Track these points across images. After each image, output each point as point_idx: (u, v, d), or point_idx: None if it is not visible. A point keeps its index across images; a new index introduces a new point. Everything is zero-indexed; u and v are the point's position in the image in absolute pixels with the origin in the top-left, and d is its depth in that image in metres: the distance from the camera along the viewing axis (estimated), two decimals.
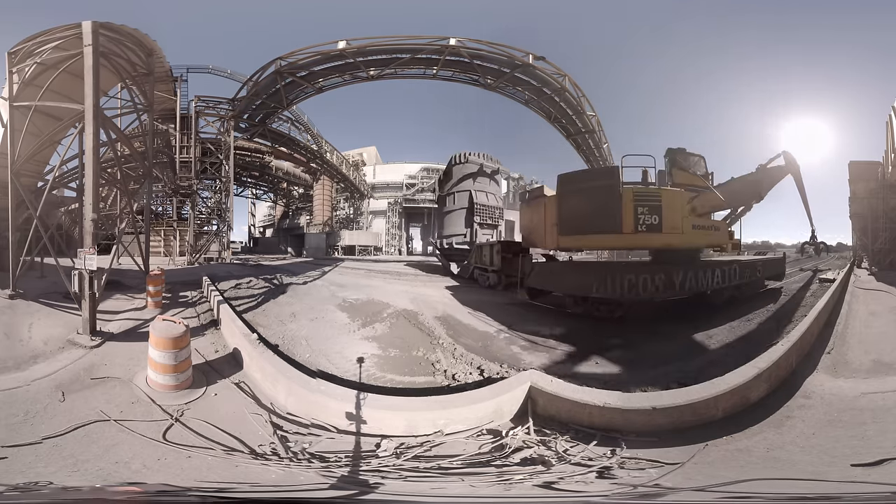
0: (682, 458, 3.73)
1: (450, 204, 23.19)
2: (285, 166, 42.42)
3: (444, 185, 24.01)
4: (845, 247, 30.31)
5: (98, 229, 7.80)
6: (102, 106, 8.98)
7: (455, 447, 4.08)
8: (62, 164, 10.36)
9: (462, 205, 22.38)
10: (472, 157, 22.47)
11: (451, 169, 23.22)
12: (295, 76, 24.07)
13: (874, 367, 5.97)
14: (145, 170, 12.50)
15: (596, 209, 9.38)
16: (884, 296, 11.39)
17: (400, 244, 48.46)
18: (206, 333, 7.74)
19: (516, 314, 10.28)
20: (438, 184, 25.30)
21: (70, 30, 9.05)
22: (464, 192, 22.27)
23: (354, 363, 6.75)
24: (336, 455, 3.98)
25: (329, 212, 45.67)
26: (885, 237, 19.51)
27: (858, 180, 21.46)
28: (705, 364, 6.45)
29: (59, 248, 10.26)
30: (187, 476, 3.49)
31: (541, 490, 3.29)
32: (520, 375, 5.21)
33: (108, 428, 4.27)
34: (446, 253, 22.50)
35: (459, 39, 22.44)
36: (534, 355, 7.37)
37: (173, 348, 5.30)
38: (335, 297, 12.43)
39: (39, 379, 5.48)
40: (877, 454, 3.57)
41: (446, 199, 23.65)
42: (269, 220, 58.74)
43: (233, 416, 4.76)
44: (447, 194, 23.46)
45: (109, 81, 11.76)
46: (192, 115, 24.34)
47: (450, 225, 23.17)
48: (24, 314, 8.06)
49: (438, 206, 26.51)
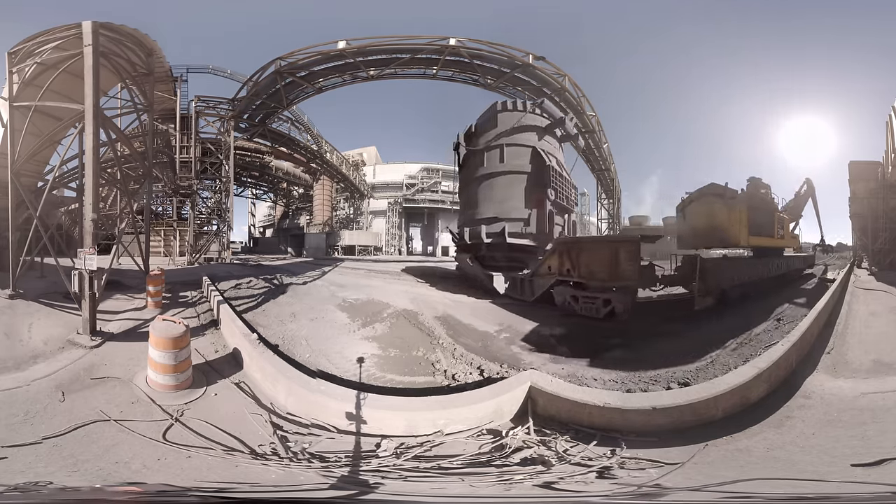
0: (682, 458, 3.73)
1: (489, 164, 14.21)
2: (285, 166, 42.45)
3: (476, 137, 15.13)
4: (845, 247, 30.29)
5: (98, 229, 7.80)
6: (102, 106, 8.99)
7: (455, 447, 4.08)
8: (62, 164, 10.36)
9: (518, 166, 13.68)
10: (546, 105, 14.94)
11: (496, 116, 14.57)
12: (295, 76, 24.06)
13: (874, 367, 5.97)
14: (145, 170, 12.50)
15: (765, 218, 13.45)
16: (884, 296, 11.38)
17: (400, 244, 48.48)
18: (206, 333, 7.74)
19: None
20: (466, 138, 15.47)
21: (70, 30, 9.05)
22: (521, 149, 13.88)
23: (354, 363, 6.76)
24: (336, 455, 3.98)
25: (329, 212, 45.69)
26: (885, 237, 19.48)
27: (858, 180, 21.42)
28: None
29: (59, 248, 10.26)
30: (187, 476, 3.49)
31: (541, 490, 3.29)
32: (520, 375, 5.21)
33: (108, 428, 4.27)
34: (478, 252, 14.50)
35: (459, 39, 22.43)
36: (534, 356, 7.38)
37: (173, 348, 5.29)
38: (335, 296, 12.43)
39: (39, 379, 5.48)
40: (877, 454, 3.57)
41: (480, 159, 14.52)
42: (269, 220, 58.77)
43: (233, 416, 4.76)
44: (485, 148, 14.38)
45: (109, 81, 11.75)
46: (192, 115, 24.32)
47: (488, 200, 14.06)
48: (24, 314, 8.06)
49: (461, 172, 15.98)
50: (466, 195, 15.67)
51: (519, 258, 12.94)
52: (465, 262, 15.13)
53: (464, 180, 16.00)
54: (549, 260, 10.70)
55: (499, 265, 13.46)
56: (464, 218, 15.75)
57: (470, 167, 15.30)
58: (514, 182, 13.75)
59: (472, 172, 14.97)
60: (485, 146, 14.33)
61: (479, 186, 14.59)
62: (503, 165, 13.97)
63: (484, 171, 14.37)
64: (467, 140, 15.56)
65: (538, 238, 12.84)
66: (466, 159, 15.56)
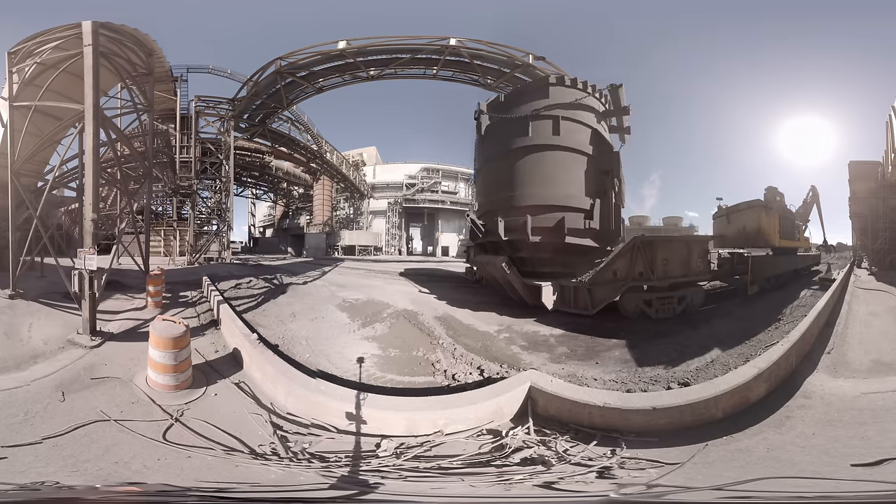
0: (682, 458, 3.73)
1: (537, 134, 10.84)
2: (285, 166, 42.43)
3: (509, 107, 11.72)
4: (845, 247, 30.30)
5: (98, 229, 7.79)
6: (102, 106, 8.99)
7: (455, 447, 4.08)
8: (62, 164, 10.35)
9: (578, 143, 10.86)
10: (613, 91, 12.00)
11: (548, 88, 11.39)
12: (295, 76, 24.05)
13: (874, 367, 5.97)
14: (145, 170, 12.50)
15: (789, 224, 15.63)
16: (884, 296, 11.39)
17: (400, 244, 48.47)
18: (206, 333, 7.74)
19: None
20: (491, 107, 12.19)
21: (70, 30, 9.05)
22: (580, 126, 11.01)
23: (354, 363, 6.75)
24: (336, 455, 3.98)
25: (329, 212, 45.67)
26: (885, 237, 19.46)
27: (858, 180, 21.41)
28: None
29: (59, 248, 10.27)
30: (187, 476, 3.49)
31: (541, 490, 3.29)
32: (520, 375, 5.21)
33: (108, 428, 4.27)
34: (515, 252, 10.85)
35: (459, 39, 22.42)
36: (534, 355, 7.37)
37: (173, 348, 5.30)
38: (335, 296, 12.42)
39: (39, 379, 5.48)
40: (877, 454, 3.57)
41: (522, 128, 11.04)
42: (269, 220, 58.76)
43: (233, 416, 4.76)
44: (530, 117, 10.97)
45: (109, 81, 11.76)
46: (192, 115, 24.32)
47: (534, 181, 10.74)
48: (24, 314, 8.06)
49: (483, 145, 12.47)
50: (494, 173, 11.81)
51: (563, 262, 10.26)
52: (497, 268, 10.83)
53: (487, 156, 12.27)
54: (615, 263, 9.23)
55: (536, 271, 10.55)
56: (489, 203, 11.79)
57: (498, 139, 11.63)
58: (573, 162, 10.70)
59: (505, 144, 11.30)
60: (531, 114, 10.90)
61: (517, 162, 10.83)
62: (559, 139, 10.67)
63: (528, 142, 10.79)
64: (494, 109, 12.13)
65: (599, 236, 10.42)
66: (491, 131, 11.95)
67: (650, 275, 9.23)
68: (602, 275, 9.20)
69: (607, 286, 9.22)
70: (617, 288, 9.19)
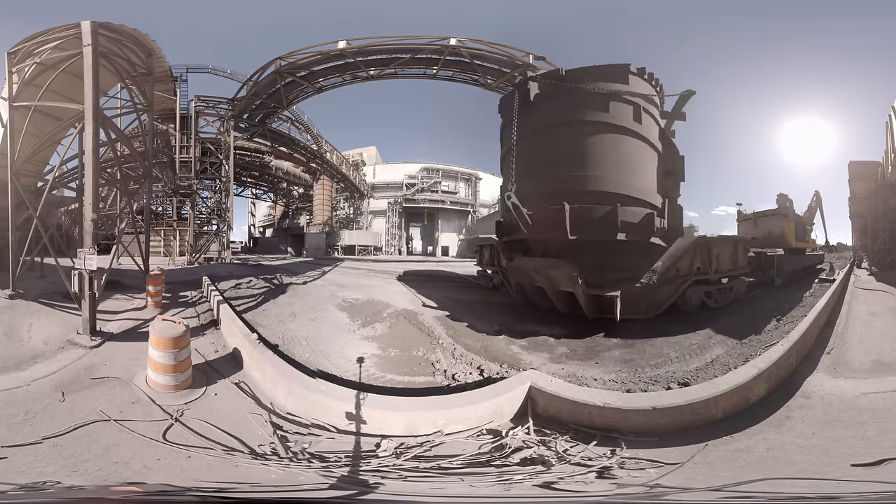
0: (682, 458, 3.73)
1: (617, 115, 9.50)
2: (285, 166, 42.44)
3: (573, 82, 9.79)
4: (845, 247, 30.32)
5: (98, 229, 7.80)
6: (102, 106, 9.00)
7: (455, 447, 4.08)
8: (62, 164, 10.36)
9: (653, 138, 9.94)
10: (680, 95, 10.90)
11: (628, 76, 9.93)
12: (295, 76, 24.05)
13: (874, 367, 5.97)
14: (145, 170, 12.50)
15: (801, 228, 18.83)
16: (884, 296, 11.39)
17: (400, 244, 48.48)
18: (206, 333, 7.74)
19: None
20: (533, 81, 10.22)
21: (69, 30, 9.05)
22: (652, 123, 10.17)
23: (354, 363, 6.75)
24: (336, 455, 3.98)
25: (329, 212, 45.68)
26: (885, 237, 19.47)
27: (858, 180, 21.43)
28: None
29: (59, 248, 10.27)
30: (187, 476, 3.49)
31: (541, 490, 3.29)
32: (520, 375, 5.21)
33: (108, 428, 4.27)
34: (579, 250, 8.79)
35: (460, 39, 22.40)
36: (534, 355, 7.37)
37: (173, 348, 5.30)
38: (335, 296, 12.42)
39: (39, 379, 5.48)
40: (877, 454, 3.57)
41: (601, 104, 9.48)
42: (269, 220, 58.77)
43: (233, 416, 4.76)
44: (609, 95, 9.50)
45: (109, 81, 11.76)
46: (192, 115, 24.32)
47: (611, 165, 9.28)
48: (24, 314, 8.06)
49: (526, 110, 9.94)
50: (550, 145, 9.79)
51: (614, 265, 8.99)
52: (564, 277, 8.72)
53: (537, 126, 9.99)
54: (679, 262, 9.16)
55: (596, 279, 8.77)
56: (543, 183, 9.56)
57: (559, 108, 9.80)
58: (649, 156, 9.74)
59: (571, 114, 9.64)
60: (609, 92, 9.54)
61: (591, 137, 9.40)
62: (640, 127, 9.55)
63: (609, 119, 9.42)
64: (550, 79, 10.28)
65: (668, 237, 9.64)
66: (544, 100, 9.86)
67: (708, 270, 9.73)
68: (666, 274, 9.03)
69: (670, 285, 9.19)
70: (678, 285, 9.31)
